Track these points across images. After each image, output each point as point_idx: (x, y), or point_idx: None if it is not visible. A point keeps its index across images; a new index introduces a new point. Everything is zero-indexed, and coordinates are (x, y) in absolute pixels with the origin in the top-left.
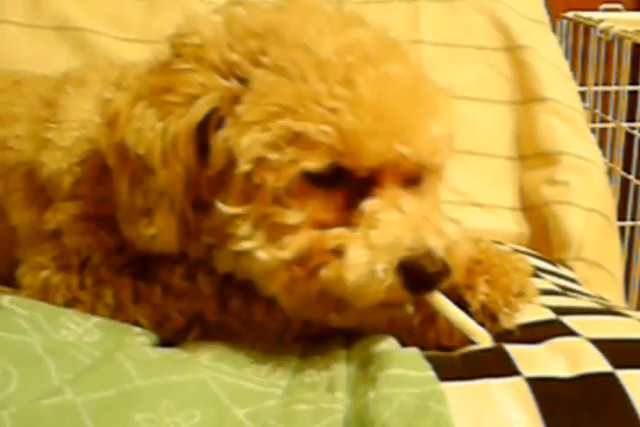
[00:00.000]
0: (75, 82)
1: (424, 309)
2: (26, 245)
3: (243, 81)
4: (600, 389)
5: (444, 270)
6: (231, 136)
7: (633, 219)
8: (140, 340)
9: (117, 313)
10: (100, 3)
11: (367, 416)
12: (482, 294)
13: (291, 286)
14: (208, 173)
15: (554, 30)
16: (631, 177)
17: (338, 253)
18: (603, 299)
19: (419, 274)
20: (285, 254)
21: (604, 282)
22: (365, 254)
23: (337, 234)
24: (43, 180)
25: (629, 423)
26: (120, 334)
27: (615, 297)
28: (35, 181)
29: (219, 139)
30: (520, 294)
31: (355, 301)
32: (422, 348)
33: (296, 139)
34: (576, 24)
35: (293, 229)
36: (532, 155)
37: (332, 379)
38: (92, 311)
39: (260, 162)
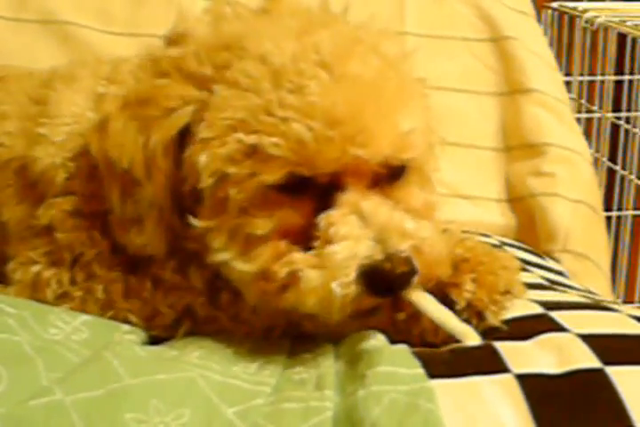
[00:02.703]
0: (64, 78)
1: (408, 307)
2: (17, 241)
3: (212, 94)
4: (589, 385)
5: (408, 270)
6: (193, 154)
7: (619, 209)
8: (128, 338)
9: (107, 309)
10: None
11: (356, 414)
12: (467, 291)
13: (263, 298)
14: (185, 188)
15: (539, 20)
16: (617, 167)
17: (296, 276)
18: (591, 292)
19: (381, 278)
20: (253, 268)
21: (591, 273)
22: (320, 275)
23: (292, 258)
24: (35, 175)
25: (619, 419)
26: (109, 332)
27: (602, 289)
28: (26, 176)
29: (186, 158)
30: (507, 292)
31: (325, 318)
32: (408, 344)
33: (252, 152)
34: (561, 14)
35: (263, 239)
36: (518, 146)
37: (321, 376)
38: (82, 307)
39: (221, 177)
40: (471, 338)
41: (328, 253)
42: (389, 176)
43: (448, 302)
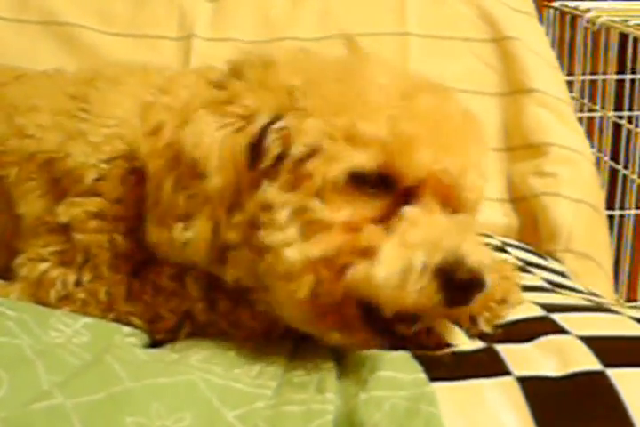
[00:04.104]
0: (108, 79)
1: None
2: (29, 236)
3: (303, 98)
4: (590, 387)
5: (481, 281)
6: (291, 123)
7: (622, 208)
8: (129, 341)
9: (109, 311)
10: None
11: (357, 418)
12: None
13: (316, 289)
14: (259, 168)
15: (541, 20)
16: (619, 167)
17: (370, 253)
18: (593, 294)
19: (457, 280)
20: (314, 252)
21: (593, 273)
22: (401, 252)
23: (371, 232)
24: (61, 171)
25: (620, 422)
26: (109, 335)
27: (604, 288)
28: (52, 171)
29: (275, 129)
30: (503, 301)
31: (383, 302)
32: (402, 346)
33: (353, 136)
34: (563, 14)
35: (327, 227)
36: (520, 146)
37: (322, 379)
38: (84, 309)
39: (314, 150)
40: (462, 341)
41: (413, 234)
42: (454, 205)
43: None
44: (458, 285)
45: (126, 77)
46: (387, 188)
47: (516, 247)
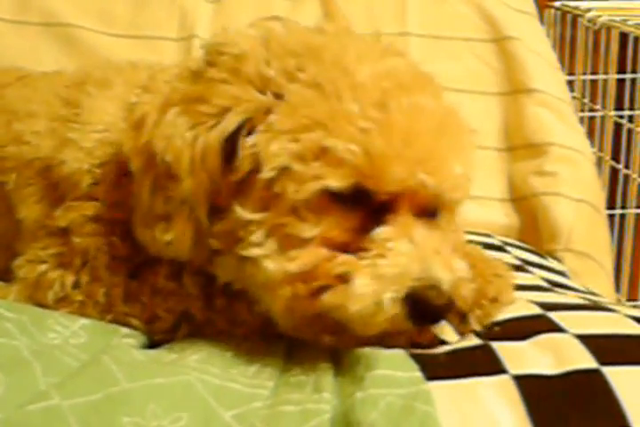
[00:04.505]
0: (97, 83)
1: None
2: (28, 239)
3: (277, 96)
4: (586, 385)
5: (449, 304)
6: (260, 142)
7: (622, 207)
8: (126, 342)
9: (107, 312)
10: None
11: (354, 417)
12: None
13: (291, 302)
14: (231, 179)
15: (542, 20)
16: (620, 166)
17: (343, 279)
18: (591, 293)
19: (424, 306)
20: (291, 267)
21: (594, 273)
22: (372, 284)
23: (345, 260)
24: (58, 177)
25: (615, 420)
26: (107, 335)
27: (604, 287)
28: (49, 177)
29: (247, 144)
30: (494, 300)
31: (356, 329)
32: (395, 345)
33: (323, 154)
34: (564, 13)
35: (305, 242)
36: (521, 146)
37: (319, 379)
38: (81, 311)
39: (283, 171)
40: (452, 337)
41: (383, 265)
42: (433, 211)
43: None
44: (427, 310)
45: (114, 79)
46: (362, 201)
47: (516, 247)
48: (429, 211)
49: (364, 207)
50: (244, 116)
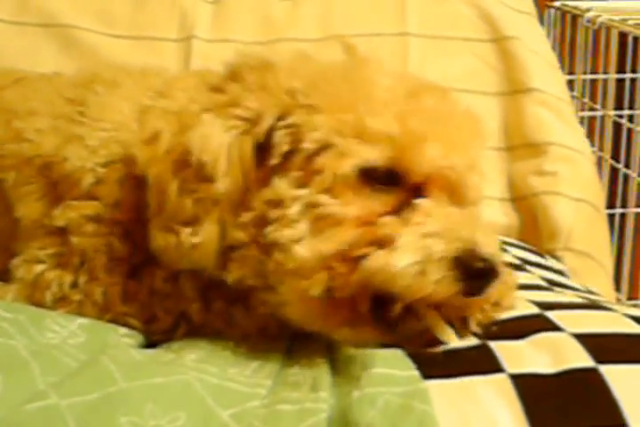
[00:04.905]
0: (106, 83)
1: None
2: (26, 239)
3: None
4: (583, 384)
5: (496, 270)
6: (300, 119)
7: (623, 206)
8: (124, 341)
9: (105, 312)
10: None
11: (351, 416)
12: None
13: (329, 285)
14: (267, 166)
15: (541, 19)
16: (620, 166)
17: (386, 242)
18: (590, 292)
19: (474, 268)
20: (326, 248)
21: (593, 272)
22: (419, 241)
23: (387, 222)
24: (59, 175)
25: (613, 418)
26: (105, 335)
27: (604, 286)
28: (49, 175)
29: (284, 125)
30: (496, 304)
31: (400, 292)
32: (394, 345)
33: (362, 132)
34: (563, 13)
35: (339, 222)
36: (521, 145)
37: (316, 378)
38: (80, 310)
39: (323, 146)
40: (451, 338)
41: (428, 225)
42: (460, 201)
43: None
44: (475, 273)
45: (124, 80)
46: (395, 183)
47: (515, 246)
48: (457, 199)
49: (398, 189)
50: (277, 113)
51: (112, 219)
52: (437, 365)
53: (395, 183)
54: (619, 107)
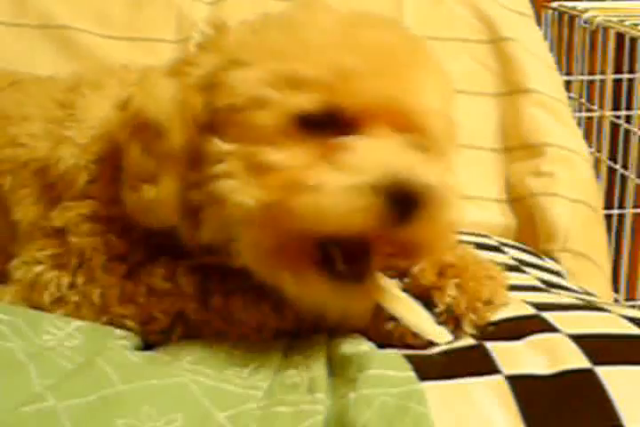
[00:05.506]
0: (90, 84)
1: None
2: (24, 241)
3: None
4: (579, 385)
5: (427, 196)
6: (233, 76)
7: (620, 207)
8: (121, 343)
9: (102, 314)
10: (84, 0)
11: (347, 417)
12: (449, 296)
13: (272, 230)
14: (207, 122)
15: (539, 20)
16: (617, 166)
17: (315, 185)
18: (587, 293)
19: (402, 194)
20: (265, 195)
21: (591, 273)
22: (343, 176)
23: (319, 165)
24: (55, 177)
25: (609, 420)
26: (102, 337)
27: (601, 287)
28: (45, 177)
29: (219, 82)
30: (489, 302)
31: (332, 228)
32: (390, 347)
33: (294, 80)
34: (561, 14)
35: (275, 171)
36: (518, 146)
37: (313, 380)
38: (77, 312)
39: (255, 100)
40: (438, 338)
41: (354, 159)
42: (417, 145)
43: (429, 305)
44: (404, 199)
45: (107, 80)
46: (335, 125)
47: (512, 247)
48: (407, 129)
49: (338, 130)
50: (215, 70)
51: (109, 216)
52: (433, 366)
53: (335, 124)
54: (616, 107)
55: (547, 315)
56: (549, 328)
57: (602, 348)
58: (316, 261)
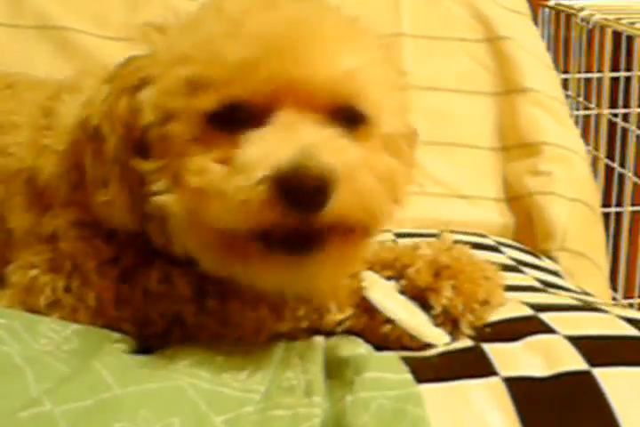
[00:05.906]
0: (70, 89)
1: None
2: (20, 247)
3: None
4: (576, 387)
5: (328, 176)
6: (143, 94)
7: (618, 205)
8: (118, 347)
9: (98, 317)
10: (81, 1)
11: (345, 420)
12: (445, 298)
13: (204, 231)
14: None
15: (535, 19)
16: (615, 165)
17: (214, 185)
18: (585, 293)
19: (294, 185)
20: (190, 203)
21: (589, 272)
22: (234, 174)
23: (217, 172)
24: (42, 185)
25: (606, 422)
26: (98, 341)
27: (599, 286)
28: (35, 186)
29: (140, 98)
30: (485, 303)
31: (235, 226)
32: (387, 349)
33: (189, 83)
34: (557, 12)
35: (194, 176)
36: (515, 145)
37: (310, 383)
38: (73, 315)
39: (164, 113)
40: (435, 340)
41: (243, 160)
42: (341, 121)
43: (426, 307)
44: (299, 185)
45: (84, 81)
46: (245, 120)
47: (510, 247)
48: (337, 119)
49: (248, 124)
50: (143, 74)
51: (93, 221)
52: (431, 368)
53: (244, 121)
54: (613, 106)
55: (544, 316)
56: (547, 329)
57: (599, 349)
58: (259, 248)
